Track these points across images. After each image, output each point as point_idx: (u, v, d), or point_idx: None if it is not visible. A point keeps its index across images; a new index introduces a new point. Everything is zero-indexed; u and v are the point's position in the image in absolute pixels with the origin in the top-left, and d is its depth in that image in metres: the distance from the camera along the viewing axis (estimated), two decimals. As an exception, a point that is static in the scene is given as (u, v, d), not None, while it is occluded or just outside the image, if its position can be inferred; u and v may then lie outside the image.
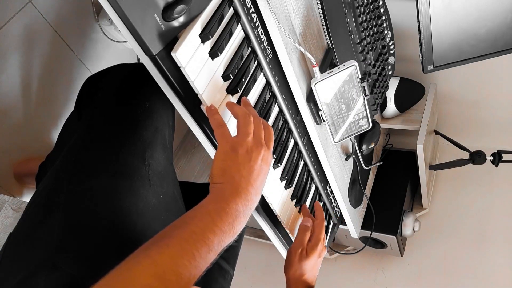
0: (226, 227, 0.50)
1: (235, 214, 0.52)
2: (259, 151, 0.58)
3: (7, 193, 1.32)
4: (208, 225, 0.50)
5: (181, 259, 0.46)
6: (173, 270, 0.45)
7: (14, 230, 0.68)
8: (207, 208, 0.52)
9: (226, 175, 0.56)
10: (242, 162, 0.56)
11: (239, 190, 0.54)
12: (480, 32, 0.98)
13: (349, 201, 1.18)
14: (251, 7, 0.65)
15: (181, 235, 0.48)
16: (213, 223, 0.50)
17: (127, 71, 0.79)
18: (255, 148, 0.58)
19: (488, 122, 1.55)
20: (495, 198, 1.56)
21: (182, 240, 0.48)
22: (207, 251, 0.48)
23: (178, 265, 0.45)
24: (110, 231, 0.63)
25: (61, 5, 1.32)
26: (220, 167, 0.57)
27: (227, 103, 0.64)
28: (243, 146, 0.57)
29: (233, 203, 0.53)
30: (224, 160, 0.57)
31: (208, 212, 0.51)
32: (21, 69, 1.27)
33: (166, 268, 0.45)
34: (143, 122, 0.71)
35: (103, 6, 0.50)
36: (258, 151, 0.58)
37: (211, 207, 0.52)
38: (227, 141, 0.58)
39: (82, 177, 0.67)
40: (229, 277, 0.92)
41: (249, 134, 0.58)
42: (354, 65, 0.79)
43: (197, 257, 0.47)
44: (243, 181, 0.55)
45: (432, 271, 1.51)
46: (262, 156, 0.58)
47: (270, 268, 1.71)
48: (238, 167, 0.56)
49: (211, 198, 0.54)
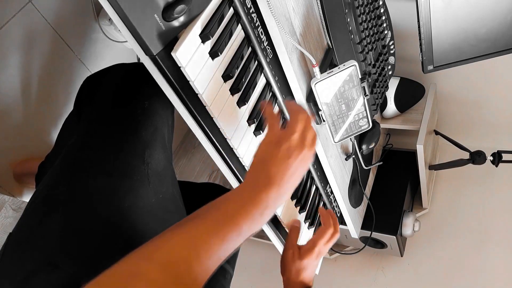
0: (256, 215, 0.52)
1: (265, 205, 0.53)
2: (300, 150, 0.59)
3: (7, 193, 1.32)
4: (241, 210, 0.51)
5: (214, 238, 0.48)
6: (206, 247, 0.47)
7: (14, 230, 0.68)
8: (241, 194, 0.54)
9: (264, 165, 0.57)
10: (282, 157, 0.57)
11: (272, 182, 0.55)
12: (480, 32, 0.98)
13: (349, 201, 1.18)
14: (251, 7, 0.65)
15: (216, 215, 0.50)
16: (245, 210, 0.51)
17: (127, 71, 0.79)
18: (298, 147, 0.59)
19: (488, 122, 1.55)
20: (495, 198, 1.56)
21: (217, 220, 0.49)
22: (237, 234, 0.50)
23: (210, 243, 0.47)
24: (110, 230, 0.63)
25: (61, 5, 1.32)
26: (260, 157, 0.59)
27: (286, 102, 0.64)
28: (286, 142, 0.58)
29: (264, 194, 0.54)
30: (265, 151, 0.59)
31: (242, 198, 0.53)
32: (21, 69, 1.27)
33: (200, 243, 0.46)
34: (143, 122, 0.71)
35: (103, 6, 0.50)
36: (300, 150, 0.59)
37: (245, 194, 0.54)
38: (274, 133, 0.60)
39: (82, 177, 0.67)
40: (229, 276, 0.92)
41: (295, 132, 0.59)
42: (354, 65, 0.79)
43: (227, 239, 0.49)
44: (279, 175, 0.56)
45: (432, 271, 1.51)
46: (302, 156, 0.59)
47: (270, 268, 1.71)
48: (276, 161, 0.57)
49: (246, 185, 0.56)
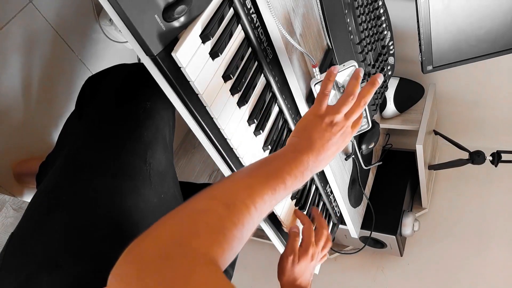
0: (298, 174, 0.56)
1: (305, 166, 0.58)
2: (342, 126, 0.63)
3: (8, 193, 1.32)
4: (285, 167, 0.55)
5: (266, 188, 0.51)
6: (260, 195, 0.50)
7: (15, 230, 0.69)
8: (286, 155, 0.59)
9: (306, 132, 0.62)
10: (324, 128, 0.62)
11: (312, 147, 0.60)
12: (480, 32, 0.98)
13: (349, 201, 1.19)
14: (251, 7, 0.66)
15: (266, 170, 0.54)
16: (289, 167, 0.56)
17: (128, 71, 0.79)
18: (340, 123, 0.63)
19: (487, 122, 1.56)
20: (495, 198, 1.56)
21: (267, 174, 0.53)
22: (283, 188, 0.53)
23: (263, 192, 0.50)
24: (112, 230, 0.63)
25: (61, 6, 1.32)
26: (304, 124, 0.63)
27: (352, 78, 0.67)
28: (330, 118, 0.63)
29: (305, 156, 0.58)
30: (310, 120, 0.63)
31: (286, 158, 0.58)
32: (22, 69, 1.27)
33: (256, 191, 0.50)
34: (144, 122, 0.71)
35: (104, 7, 0.50)
36: (341, 127, 0.63)
37: (290, 155, 0.58)
38: (320, 106, 0.64)
39: (83, 177, 0.67)
40: (228, 276, 0.92)
41: (341, 112, 0.63)
42: (354, 65, 0.79)
43: (277, 191, 0.52)
44: (318, 142, 0.61)
45: (432, 270, 1.52)
46: (342, 132, 0.63)
47: (270, 268, 1.70)
48: (318, 130, 0.62)
49: (289, 147, 0.61)
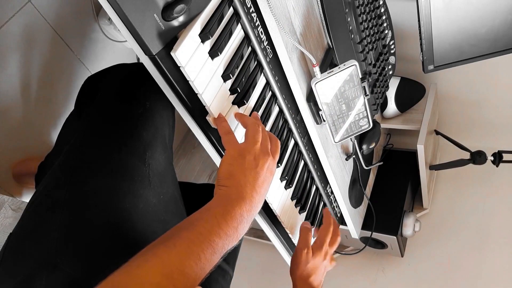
0: (230, 230, 0.51)
1: (240, 219, 0.53)
2: (265, 159, 0.59)
3: (7, 193, 1.31)
4: (214, 227, 0.51)
5: (187, 260, 0.47)
6: (180, 270, 0.46)
7: (14, 230, 0.68)
8: (214, 211, 0.53)
9: (232, 179, 0.57)
10: (249, 167, 0.57)
11: (244, 195, 0.55)
12: (481, 32, 0.98)
13: (350, 201, 1.18)
14: (251, 6, 0.65)
15: (188, 236, 0.49)
16: (219, 226, 0.51)
17: (127, 71, 0.79)
18: (262, 156, 0.59)
19: (489, 122, 1.55)
20: (496, 198, 1.55)
21: (189, 241, 0.48)
22: (212, 253, 0.49)
23: (184, 265, 0.46)
24: (111, 231, 0.63)
25: (60, 5, 1.32)
26: (227, 171, 0.58)
27: (236, 114, 0.65)
28: (250, 153, 0.58)
29: (238, 208, 0.54)
30: (231, 164, 0.58)
31: (214, 215, 0.52)
32: (21, 68, 1.26)
33: (173, 267, 0.46)
34: (143, 122, 0.71)
35: (103, 6, 0.50)
36: (265, 159, 0.59)
37: (218, 210, 0.53)
38: (234, 147, 0.59)
39: (82, 178, 0.67)
40: (228, 277, 0.92)
41: (257, 142, 0.59)
42: (355, 64, 0.78)
43: (202, 258, 0.48)
44: (249, 186, 0.56)
45: (433, 271, 1.51)
46: (268, 165, 0.59)
47: (270, 268, 1.71)
48: (244, 172, 0.57)
49: (217, 201, 0.55)
